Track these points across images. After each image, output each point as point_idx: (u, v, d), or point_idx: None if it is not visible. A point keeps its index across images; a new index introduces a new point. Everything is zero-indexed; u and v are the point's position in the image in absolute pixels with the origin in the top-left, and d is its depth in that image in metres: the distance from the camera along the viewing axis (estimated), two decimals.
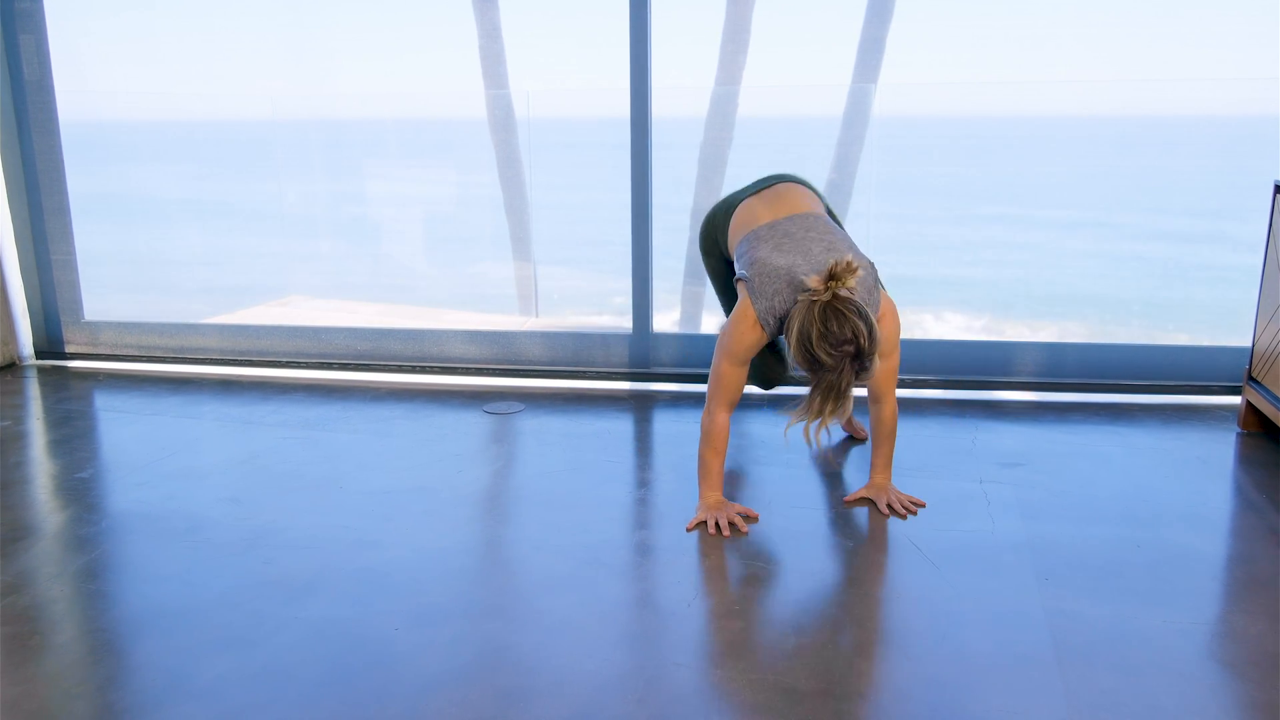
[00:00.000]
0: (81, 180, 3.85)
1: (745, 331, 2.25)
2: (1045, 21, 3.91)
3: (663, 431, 3.05)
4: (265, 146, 4.24)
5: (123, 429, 3.12)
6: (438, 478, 2.65)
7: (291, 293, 4.37)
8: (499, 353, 3.67)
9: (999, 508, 2.39)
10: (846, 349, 2.03)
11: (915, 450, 2.77)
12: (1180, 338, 3.68)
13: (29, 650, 1.82)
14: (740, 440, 2.89)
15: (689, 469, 2.64)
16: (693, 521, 2.32)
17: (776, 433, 2.93)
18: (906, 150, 4.03)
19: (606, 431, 3.01)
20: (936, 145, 4.09)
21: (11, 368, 3.84)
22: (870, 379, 2.16)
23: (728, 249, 2.55)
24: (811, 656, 1.76)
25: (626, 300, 3.53)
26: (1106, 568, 2.08)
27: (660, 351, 3.54)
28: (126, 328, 3.92)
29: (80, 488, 2.62)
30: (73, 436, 3.03)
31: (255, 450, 2.88)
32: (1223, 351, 3.24)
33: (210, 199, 4.43)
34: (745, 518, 2.35)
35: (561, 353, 3.62)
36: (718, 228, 2.60)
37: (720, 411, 2.33)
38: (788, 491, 2.53)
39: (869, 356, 2.05)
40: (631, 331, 3.55)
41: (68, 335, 3.95)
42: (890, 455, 2.46)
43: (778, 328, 2.24)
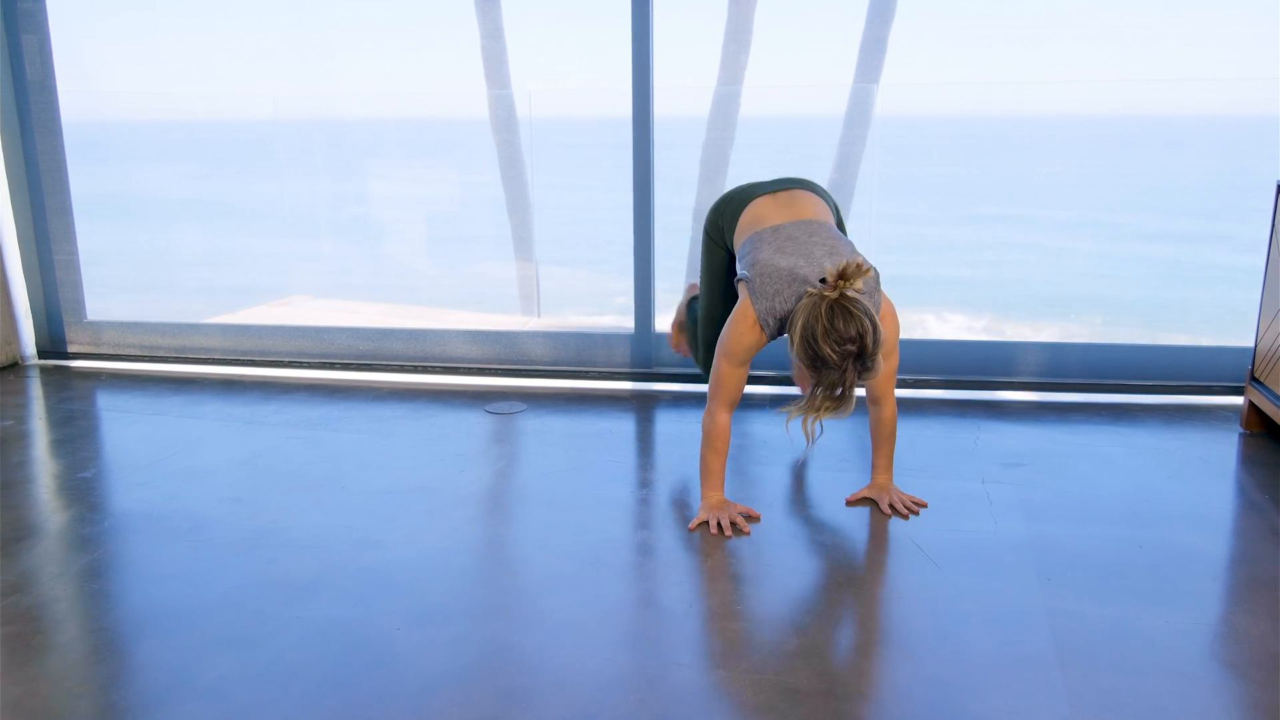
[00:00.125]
0: (84, 180, 3.86)
1: (745, 332, 2.25)
2: (1046, 22, 3.90)
3: (665, 432, 3.05)
4: (267, 146, 4.24)
5: (125, 429, 3.12)
6: (440, 478, 2.65)
7: (293, 293, 4.37)
8: (501, 353, 3.67)
9: (1001, 508, 2.39)
10: (850, 348, 2.04)
11: (917, 450, 2.77)
12: (1182, 338, 3.68)
13: (32, 650, 1.82)
14: (742, 440, 2.89)
15: (691, 469, 2.64)
16: (695, 521, 2.32)
17: (778, 433, 2.93)
18: (908, 150, 4.02)
19: (608, 432, 3.01)
20: (938, 145, 4.09)
21: (14, 367, 3.85)
22: (872, 379, 2.17)
23: (732, 242, 2.55)
24: (813, 657, 1.76)
25: (628, 300, 3.53)
26: (1108, 568, 2.08)
27: (662, 352, 3.54)
28: (129, 327, 3.93)
29: (83, 487, 2.62)
30: (75, 436, 3.03)
31: (257, 450, 2.88)
32: (1225, 352, 3.23)
33: (212, 199, 4.44)
34: (747, 518, 2.35)
35: (563, 353, 3.62)
36: (726, 217, 2.57)
37: (721, 412, 2.34)
38: (789, 491, 2.53)
39: (871, 357, 2.06)
40: (633, 331, 3.55)
41: (70, 335, 3.95)
42: (891, 456, 2.47)
43: (778, 329, 2.24)
